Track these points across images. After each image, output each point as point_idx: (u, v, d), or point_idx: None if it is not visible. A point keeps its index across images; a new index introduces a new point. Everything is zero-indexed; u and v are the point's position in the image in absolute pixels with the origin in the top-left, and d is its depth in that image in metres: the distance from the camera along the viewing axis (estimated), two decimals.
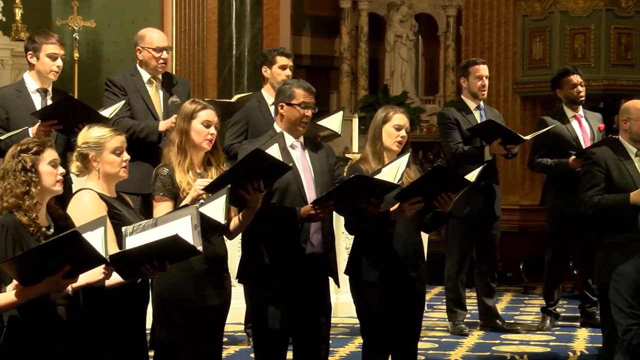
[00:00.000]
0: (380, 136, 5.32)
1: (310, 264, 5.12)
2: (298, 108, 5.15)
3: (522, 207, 11.10)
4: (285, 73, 7.14)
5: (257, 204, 4.81)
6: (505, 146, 7.50)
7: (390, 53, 17.37)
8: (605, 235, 6.09)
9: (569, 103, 7.99)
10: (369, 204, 5.05)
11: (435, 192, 5.16)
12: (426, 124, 17.03)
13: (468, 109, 7.84)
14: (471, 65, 7.87)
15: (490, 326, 7.91)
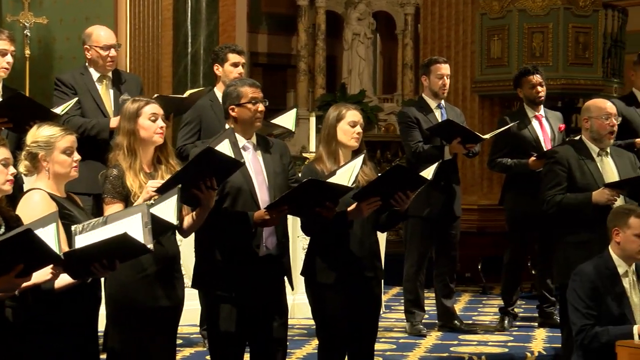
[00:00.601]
0: (335, 135, 5.31)
1: (264, 267, 5.09)
2: (249, 106, 5.12)
3: (480, 207, 11.16)
4: (238, 71, 7.10)
5: (210, 202, 4.80)
6: (464, 145, 7.53)
7: (348, 51, 17.37)
8: (566, 234, 6.14)
9: (529, 103, 8.04)
10: (324, 208, 5.04)
11: (393, 191, 5.16)
12: (384, 123, 17.05)
13: (429, 108, 7.86)
14: (432, 64, 7.90)
15: (449, 327, 7.95)
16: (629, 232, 5.35)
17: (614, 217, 5.46)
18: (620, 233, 5.37)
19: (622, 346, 4.96)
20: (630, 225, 5.35)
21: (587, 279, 5.34)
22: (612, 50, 11.33)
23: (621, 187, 5.92)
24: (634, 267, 5.40)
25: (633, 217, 5.35)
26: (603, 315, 5.27)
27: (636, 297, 5.37)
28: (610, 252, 5.41)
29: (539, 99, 8.01)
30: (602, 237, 5.65)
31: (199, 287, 5.28)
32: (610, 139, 6.13)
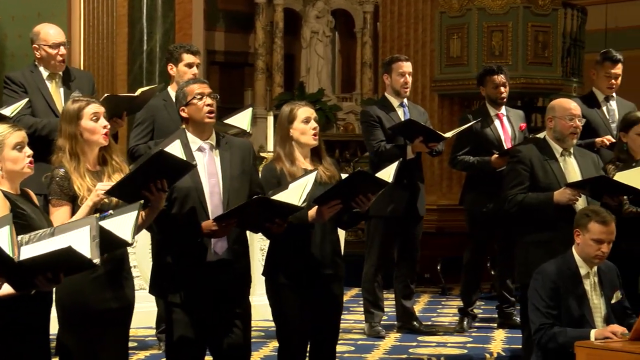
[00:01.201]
0: (289, 137, 5.30)
1: (216, 272, 5.02)
2: (195, 102, 5.06)
3: (440, 207, 11.21)
4: (192, 71, 7.06)
5: (160, 203, 4.75)
6: (427, 144, 7.56)
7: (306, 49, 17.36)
8: (527, 234, 6.18)
9: (491, 102, 8.08)
10: (273, 224, 5.03)
11: (354, 194, 5.18)
12: (343, 122, 17.06)
13: (391, 107, 7.88)
14: (394, 62, 7.92)
15: (408, 328, 7.97)
16: (587, 236, 5.39)
17: (578, 218, 5.50)
18: (581, 235, 5.42)
19: (581, 347, 4.99)
20: (590, 229, 5.39)
21: (549, 279, 5.38)
22: (571, 50, 11.42)
23: (582, 187, 5.97)
24: (596, 269, 5.45)
25: (593, 221, 5.39)
26: (563, 316, 5.31)
27: (596, 298, 5.41)
28: (573, 252, 5.45)
29: (501, 99, 8.05)
30: (563, 237, 5.69)
31: (154, 293, 5.24)
32: (574, 139, 6.18)
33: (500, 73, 8.05)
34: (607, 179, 6.00)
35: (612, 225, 5.41)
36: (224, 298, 5.07)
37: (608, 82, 7.57)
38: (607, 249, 5.39)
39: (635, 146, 6.48)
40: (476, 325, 8.29)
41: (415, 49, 11.52)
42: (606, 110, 7.57)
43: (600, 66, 7.60)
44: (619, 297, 5.47)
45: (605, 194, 6.00)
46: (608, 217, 5.43)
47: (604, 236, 5.37)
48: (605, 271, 5.49)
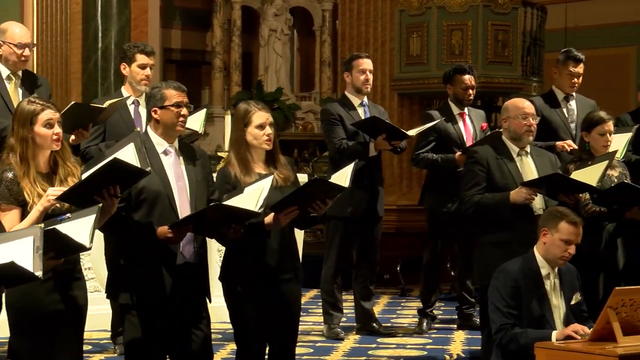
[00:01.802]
0: (244, 141, 5.29)
1: (182, 276, 5.04)
2: (172, 108, 5.07)
3: (399, 207, 11.24)
4: (145, 72, 7.02)
5: (112, 209, 4.72)
6: (390, 142, 7.58)
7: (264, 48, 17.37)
8: (485, 235, 6.20)
9: (456, 101, 8.11)
10: (229, 230, 5.03)
11: (311, 200, 5.18)
12: (302, 121, 17.08)
13: (351, 106, 7.89)
14: (355, 59, 7.93)
15: (367, 330, 7.98)
16: (556, 236, 5.42)
17: (546, 217, 5.53)
18: (548, 234, 5.45)
19: (541, 348, 5.03)
20: (559, 229, 5.42)
21: (510, 278, 5.40)
22: (531, 49, 11.49)
23: (538, 186, 6.01)
24: (557, 270, 5.49)
25: (564, 222, 5.42)
26: (524, 316, 5.34)
27: (556, 299, 5.45)
28: (535, 252, 5.48)
29: (468, 100, 8.08)
30: (521, 237, 5.72)
31: (111, 298, 5.20)
32: (529, 137, 6.21)
33: (471, 74, 8.08)
34: (562, 177, 6.04)
35: (580, 228, 5.45)
36: (188, 302, 5.07)
37: (570, 81, 7.61)
38: (573, 251, 5.43)
39: (597, 146, 6.53)
40: (436, 327, 8.32)
41: (374, 48, 11.54)
42: (566, 110, 7.62)
43: (563, 65, 7.63)
44: (578, 299, 5.51)
45: (561, 193, 6.04)
46: (577, 219, 5.47)
47: (573, 237, 5.41)
48: (566, 272, 5.53)
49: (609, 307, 4.87)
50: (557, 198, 6.04)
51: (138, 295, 4.99)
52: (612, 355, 4.70)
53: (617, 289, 4.91)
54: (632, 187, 6.22)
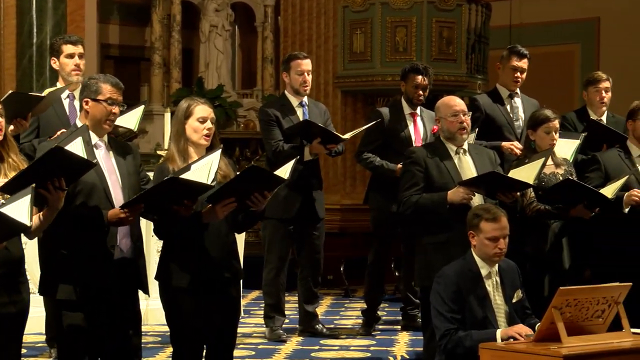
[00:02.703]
0: (184, 133, 5.28)
1: (118, 271, 5.05)
2: (104, 104, 5.07)
3: (343, 207, 11.26)
4: (74, 62, 6.96)
5: (58, 203, 4.71)
6: (325, 145, 7.58)
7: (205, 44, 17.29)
8: (425, 236, 6.24)
9: (407, 100, 8.13)
10: (181, 206, 5.02)
11: (249, 192, 5.17)
12: (243, 119, 17.03)
13: (290, 106, 7.88)
14: (292, 60, 7.92)
15: (310, 332, 8.00)
16: (481, 236, 5.47)
17: (469, 220, 5.58)
18: (475, 236, 5.50)
19: (485, 349, 5.07)
20: (482, 229, 5.47)
21: (451, 282, 5.44)
22: (476, 46, 11.56)
23: (476, 185, 6.04)
24: (497, 269, 5.53)
25: (483, 221, 5.47)
26: (467, 318, 5.37)
27: (499, 299, 5.49)
28: (472, 253, 5.52)
29: (418, 101, 8.10)
30: (460, 238, 5.76)
31: (46, 294, 5.18)
32: (463, 134, 6.25)
33: (425, 75, 8.08)
34: (498, 175, 6.09)
35: (503, 220, 5.49)
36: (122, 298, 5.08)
37: (513, 76, 7.65)
38: (504, 244, 5.47)
39: (543, 144, 6.59)
40: (380, 328, 8.36)
41: (317, 44, 11.55)
42: (510, 109, 7.67)
43: (507, 60, 7.68)
44: (520, 296, 5.56)
45: (499, 192, 6.09)
46: (498, 212, 5.51)
47: (497, 233, 5.46)
48: (507, 270, 5.57)
49: (554, 307, 4.91)
50: (495, 197, 6.09)
51: (75, 289, 4.98)
52: (556, 355, 4.75)
53: (562, 288, 4.96)
54: (577, 184, 6.28)
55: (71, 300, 5.01)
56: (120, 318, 5.11)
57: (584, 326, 5.05)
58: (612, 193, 6.29)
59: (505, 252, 5.49)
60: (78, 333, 5.02)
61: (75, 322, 5.02)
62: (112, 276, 5.04)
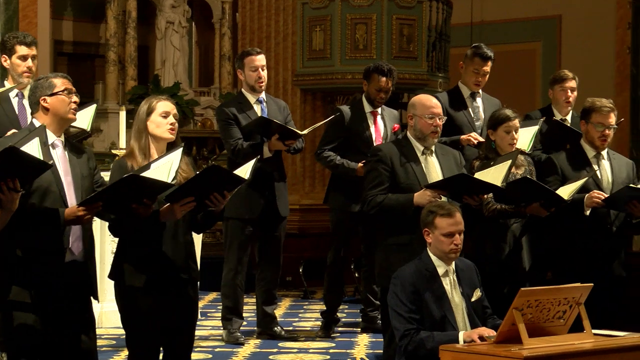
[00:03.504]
0: (146, 129, 5.27)
1: (69, 274, 5.01)
2: (63, 95, 5.05)
3: (302, 207, 11.27)
4: (26, 64, 6.90)
5: (13, 205, 4.68)
6: (284, 142, 7.58)
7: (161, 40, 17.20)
8: (387, 236, 6.24)
9: (368, 99, 8.13)
10: (140, 205, 5.00)
11: (208, 191, 5.15)
12: (201, 117, 16.97)
13: (248, 103, 7.87)
14: (246, 56, 7.90)
15: (268, 334, 7.99)
16: (437, 233, 5.49)
17: (423, 217, 5.59)
18: (430, 234, 5.51)
19: (446, 350, 5.08)
20: (437, 225, 5.49)
21: (408, 282, 5.44)
22: (437, 44, 11.62)
23: (442, 188, 6.06)
24: (454, 267, 5.55)
25: (438, 217, 5.49)
26: (425, 318, 5.39)
27: (457, 297, 5.51)
28: (428, 253, 5.54)
29: (378, 102, 8.10)
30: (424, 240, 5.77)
31: None
32: (434, 137, 6.26)
33: (389, 77, 8.06)
34: (467, 177, 6.11)
35: (457, 215, 5.52)
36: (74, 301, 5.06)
37: (475, 79, 7.68)
38: (459, 240, 5.49)
39: (503, 144, 6.62)
40: (339, 330, 8.36)
41: (276, 42, 11.56)
42: (471, 109, 7.69)
43: (470, 61, 7.68)
44: (479, 295, 5.58)
45: (465, 194, 6.11)
46: (452, 208, 5.54)
47: (452, 228, 5.48)
48: (464, 269, 5.60)
49: (515, 308, 4.94)
50: (461, 200, 6.11)
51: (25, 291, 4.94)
52: (517, 357, 4.76)
53: (523, 289, 4.99)
54: (535, 183, 6.31)
55: (22, 301, 4.98)
56: (72, 321, 5.07)
57: (545, 327, 5.09)
58: (569, 195, 6.33)
59: (460, 248, 5.51)
60: (28, 334, 4.98)
61: (25, 323, 4.98)
62: (62, 279, 5.00)
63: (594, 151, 6.68)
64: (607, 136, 6.65)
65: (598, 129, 6.62)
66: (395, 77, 8.15)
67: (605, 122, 6.62)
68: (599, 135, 6.63)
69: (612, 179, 6.64)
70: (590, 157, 6.67)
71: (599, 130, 6.62)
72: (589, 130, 6.66)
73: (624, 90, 13.09)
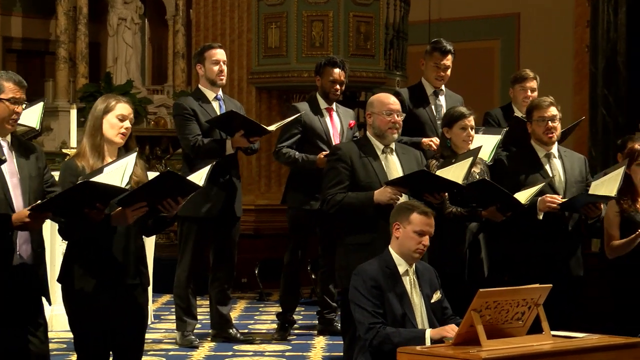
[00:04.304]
0: (101, 128, 5.24)
1: (18, 277, 4.97)
2: (7, 103, 5.00)
3: (258, 207, 11.26)
4: None
5: None
6: (248, 138, 7.57)
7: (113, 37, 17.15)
8: (347, 236, 6.25)
9: (323, 95, 8.14)
10: (93, 209, 4.97)
11: (162, 197, 5.13)
12: (154, 116, 16.93)
13: (206, 99, 7.85)
14: (207, 50, 7.90)
15: (223, 337, 7.97)
16: (409, 228, 5.50)
17: (397, 211, 5.60)
18: (401, 228, 5.52)
19: (403, 353, 5.09)
20: (412, 221, 5.50)
21: (369, 278, 5.45)
22: (394, 42, 11.65)
23: (403, 185, 6.08)
24: (414, 268, 5.57)
25: (416, 212, 5.50)
26: (387, 315, 5.40)
27: (416, 297, 5.53)
28: (390, 250, 5.56)
29: (335, 95, 8.12)
30: (384, 239, 5.79)
31: None
32: (394, 134, 6.28)
33: (342, 68, 8.10)
34: (427, 174, 6.13)
35: (432, 218, 5.54)
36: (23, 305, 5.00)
37: (436, 73, 7.69)
38: (427, 242, 5.51)
39: (459, 142, 6.65)
40: (296, 333, 8.36)
41: (231, 39, 11.53)
42: (434, 106, 7.71)
43: (430, 56, 7.70)
44: (439, 296, 5.61)
45: (426, 192, 6.13)
46: (428, 209, 5.57)
47: (425, 227, 5.49)
48: (423, 271, 5.62)
49: (473, 309, 4.96)
50: (422, 198, 6.13)
51: None
52: (475, 359, 4.79)
53: (481, 291, 5.01)
54: (493, 185, 6.33)
55: None
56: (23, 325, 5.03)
57: (503, 329, 5.11)
58: (527, 199, 6.37)
59: (425, 251, 5.54)
60: None
61: None
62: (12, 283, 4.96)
63: (545, 150, 6.70)
64: (551, 129, 6.66)
65: (540, 124, 6.66)
66: (347, 71, 8.18)
67: (545, 114, 6.65)
68: (543, 130, 6.66)
69: (564, 178, 6.68)
70: (541, 156, 6.70)
71: (541, 125, 6.66)
72: (534, 129, 6.70)
73: (583, 89, 13.21)
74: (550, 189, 6.57)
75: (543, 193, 6.49)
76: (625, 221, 6.48)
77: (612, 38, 11.89)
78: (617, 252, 6.47)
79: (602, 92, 11.91)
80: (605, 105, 11.86)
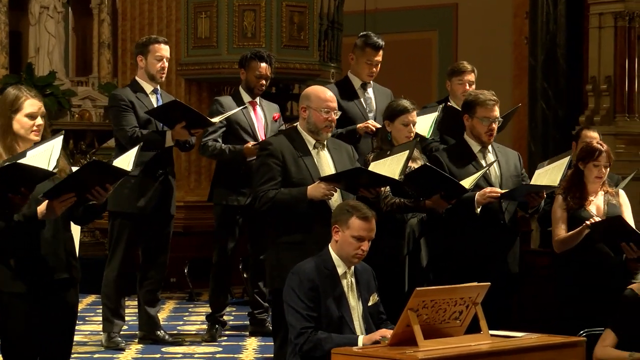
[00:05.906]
0: (11, 128, 5.16)
1: None
2: None
3: (187, 204, 11.21)
4: None
5: None
6: (190, 130, 7.55)
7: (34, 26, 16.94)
8: (279, 234, 6.23)
9: (247, 89, 8.14)
10: (17, 194, 4.91)
11: (90, 185, 5.10)
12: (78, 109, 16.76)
13: (144, 92, 7.83)
14: (152, 44, 7.88)
15: (151, 338, 7.94)
16: (347, 233, 5.49)
17: (337, 212, 5.59)
18: (340, 232, 5.51)
19: (338, 354, 5.11)
20: (350, 225, 5.49)
21: (307, 278, 5.45)
22: (329, 32, 11.67)
23: (337, 181, 6.08)
24: (353, 269, 5.58)
25: (355, 217, 5.49)
26: (322, 317, 5.41)
27: (353, 300, 5.54)
28: (330, 250, 5.56)
29: (260, 91, 8.14)
30: (318, 238, 5.79)
31: None
32: (328, 132, 6.27)
33: (268, 63, 8.12)
34: (364, 171, 6.14)
35: (373, 222, 5.54)
36: None
37: (369, 70, 7.71)
38: (366, 247, 5.51)
39: (400, 136, 6.68)
40: (226, 334, 8.36)
41: (159, 28, 11.46)
42: (363, 100, 7.74)
43: (361, 52, 7.70)
44: (375, 299, 5.63)
45: (361, 187, 6.15)
46: (369, 213, 5.55)
47: (364, 233, 5.49)
48: (362, 272, 5.63)
49: (410, 309, 4.98)
50: (357, 193, 6.14)
51: None
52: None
53: (418, 289, 5.03)
54: (436, 171, 6.35)
55: None
56: None
57: (441, 328, 5.15)
58: (470, 184, 6.40)
59: (364, 255, 5.54)
60: None
61: None
62: None
63: (479, 145, 6.74)
64: (493, 130, 6.71)
65: (484, 124, 6.67)
66: (274, 65, 8.20)
67: (491, 115, 6.66)
68: (485, 130, 6.67)
69: (500, 173, 6.72)
70: (475, 151, 6.72)
71: (485, 125, 6.67)
72: (475, 126, 6.69)
73: (522, 82, 13.34)
74: (487, 183, 6.61)
75: (480, 188, 6.53)
76: (571, 218, 6.53)
77: (551, 30, 12.00)
78: (565, 245, 6.51)
79: (541, 85, 12.02)
80: (544, 99, 11.98)
